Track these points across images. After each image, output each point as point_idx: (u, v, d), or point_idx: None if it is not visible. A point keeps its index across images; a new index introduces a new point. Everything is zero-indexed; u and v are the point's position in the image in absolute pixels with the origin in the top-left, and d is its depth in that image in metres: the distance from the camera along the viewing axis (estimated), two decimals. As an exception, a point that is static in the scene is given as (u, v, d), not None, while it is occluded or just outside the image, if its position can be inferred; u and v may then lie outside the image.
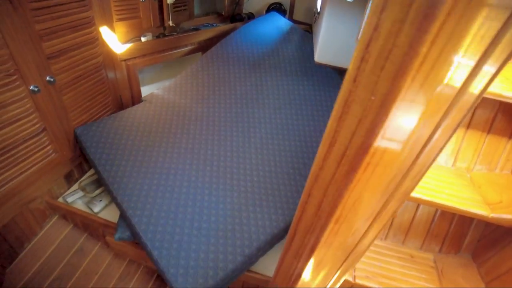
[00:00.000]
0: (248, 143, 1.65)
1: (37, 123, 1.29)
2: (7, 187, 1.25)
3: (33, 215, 1.45)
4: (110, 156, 1.47)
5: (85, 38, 1.42)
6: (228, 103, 1.80)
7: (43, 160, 1.38)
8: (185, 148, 1.56)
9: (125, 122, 1.64)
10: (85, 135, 1.52)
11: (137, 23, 1.80)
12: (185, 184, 1.41)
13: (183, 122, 1.69)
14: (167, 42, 1.96)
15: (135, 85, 1.89)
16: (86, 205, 1.53)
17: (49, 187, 1.49)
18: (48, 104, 1.31)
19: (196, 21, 2.33)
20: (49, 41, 1.24)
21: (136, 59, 1.81)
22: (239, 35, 2.13)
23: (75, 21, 1.34)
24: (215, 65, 1.95)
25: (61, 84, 1.36)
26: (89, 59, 1.48)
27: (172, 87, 1.86)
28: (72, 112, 1.49)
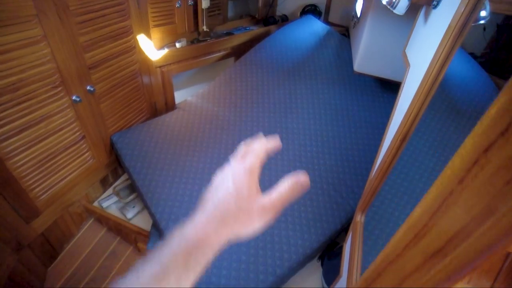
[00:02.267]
0: (281, 155, 1.60)
1: (78, 131, 1.33)
2: (52, 191, 1.30)
3: (72, 218, 1.51)
4: (144, 164, 1.48)
5: (123, 46, 1.43)
6: (261, 111, 1.76)
7: (82, 166, 1.42)
8: (217, 158, 1.55)
9: (159, 130, 1.66)
10: (120, 142, 1.54)
11: (172, 28, 1.80)
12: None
13: (216, 131, 1.67)
14: (201, 48, 1.95)
15: (169, 91, 1.89)
16: (120, 210, 1.56)
17: (86, 191, 1.54)
18: (87, 112, 1.34)
19: (229, 24, 2.30)
20: (90, 51, 1.25)
21: (170, 65, 1.82)
22: (273, 40, 2.08)
23: (115, 30, 1.35)
24: (248, 71, 1.91)
25: (99, 93, 1.38)
26: (126, 67, 1.50)
27: (206, 94, 1.85)
28: (109, 119, 1.51)
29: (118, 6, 1.31)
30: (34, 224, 1.25)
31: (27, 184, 1.16)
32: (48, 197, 1.27)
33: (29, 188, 1.18)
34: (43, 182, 1.23)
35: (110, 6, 1.27)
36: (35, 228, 1.26)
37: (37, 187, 1.21)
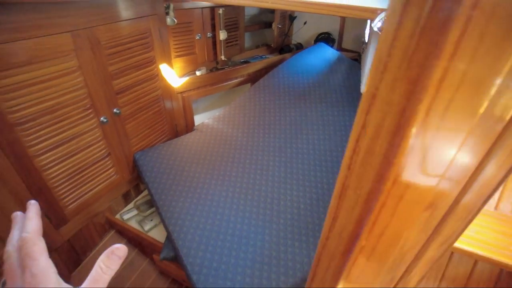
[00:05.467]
0: (290, 174, 1.66)
1: (104, 149, 1.49)
2: (79, 202, 1.45)
3: (96, 228, 1.64)
4: (162, 180, 1.61)
5: (147, 75, 1.62)
6: (272, 133, 1.85)
7: (106, 180, 1.57)
8: (229, 176, 1.63)
9: (178, 149, 1.79)
10: (142, 159, 1.69)
11: (193, 58, 1.99)
12: (227, 212, 1.47)
13: (229, 151, 1.78)
14: (219, 75, 2.12)
15: (189, 114, 2.06)
16: (139, 223, 1.68)
17: (109, 204, 1.68)
18: (113, 132, 1.51)
19: (246, 53, 2.48)
20: (117, 79, 1.44)
21: (191, 91, 1.99)
22: (286, 66, 2.20)
23: (140, 61, 1.54)
24: (261, 95, 2.03)
25: (125, 115, 1.56)
26: (150, 92, 1.68)
27: (221, 116, 1.99)
28: (133, 139, 1.68)
29: (142, 40, 1.51)
30: (62, 230, 1.40)
31: (58, 194, 1.32)
32: (75, 206, 1.42)
33: (60, 197, 1.34)
34: (72, 192, 1.39)
35: (136, 39, 1.47)
36: (62, 234, 1.40)
37: (66, 197, 1.37)
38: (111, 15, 1.32)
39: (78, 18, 1.18)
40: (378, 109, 0.21)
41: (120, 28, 1.37)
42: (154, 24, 1.55)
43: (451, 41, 0.14)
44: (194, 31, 1.91)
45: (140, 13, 1.46)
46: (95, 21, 1.25)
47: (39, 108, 1.15)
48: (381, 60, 0.19)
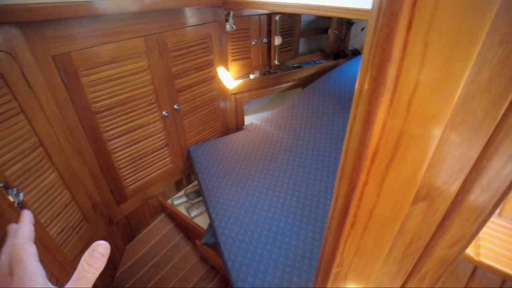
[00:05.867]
0: (333, 179, 1.66)
1: (163, 139, 1.68)
2: (138, 183, 1.66)
3: (149, 209, 1.85)
4: (211, 172, 1.75)
5: (205, 76, 1.78)
6: (318, 137, 1.87)
7: (163, 168, 1.77)
8: (272, 175, 1.70)
9: (227, 146, 1.92)
10: (195, 152, 1.86)
11: (248, 62, 2.12)
12: (266, 208, 1.54)
13: (274, 151, 1.85)
14: (271, 79, 2.21)
15: (240, 115, 2.18)
16: (187, 209, 1.85)
17: (163, 189, 1.88)
18: (172, 126, 1.69)
19: (300, 58, 2.53)
20: (179, 79, 1.62)
21: (243, 93, 2.11)
22: (338, 71, 2.20)
23: (200, 63, 1.71)
24: (311, 100, 2.07)
25: (183, 111, 1.73)
26: (206, 92, 1.84)
27: (270, 118, 2.07)
28: (189, 133, 1.85)
29: (203, 44, 1.67)
30: (122, 207, 1.62)
31: (122, 174, 1.54)
32: (134, 187, 1.63)
33: (123, 178, 1.55)
34: (133, 175, 1.60)
35: (198, 44, 1.63)
36: (122, 210, 1.62)
37: (128, 178, 1.58)
38: (178, 22, 1.49)
39: (150, 25, 1.38)
40: (363, 103, 0.26)
41: (185, 33, 1.55)
42: (214, 30, 1.71)
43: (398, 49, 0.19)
44: (250, 37, 2.03)
45: (203, 20, 1.62)
46: (164, 27, 1.44)
47: (115, 100, 1.36)
48: (364, 63, 0.24)
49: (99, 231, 1.47)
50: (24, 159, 1.06)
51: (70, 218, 1.29)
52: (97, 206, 1.46)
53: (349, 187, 0.29)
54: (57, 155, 1.20)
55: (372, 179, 0.27)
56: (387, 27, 0.19)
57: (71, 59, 1.16)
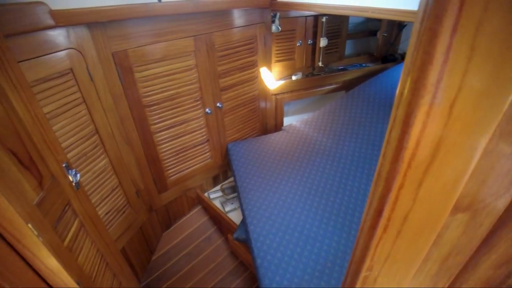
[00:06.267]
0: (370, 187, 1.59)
1: (204, 135, 1.76)
2: (179, 175, 1.76)
3: (187, 200, 1.95)
4: (247, 170, 1.78)
5: (248, 76, 1.82)
6: (359, 143, 1.81)
7: (202, 162, 1.85)
8: (307, 178, 1.69)
9: (264, 145, 1.95)
10: (233, 149, 1.91)
11: (291, 64, 2.12)
12: (299, 210, 1.53)
13: (311, 154, 1.83)
14: (314, 81, 2.19)
15: (280, 115, 2.19)
16: (221, 204, 1.91)
17: (201, 183, 1.96)
18: (214, 122, 1.76)
19: (346, 61, 2.46)
20: (223, 78, 1.68)
21: (284, 94, 2.12)
22: (385, 76, 2.10)
23: (244, 63, 1.75)
24: (354, 104, 2.00)
25: (225, 109, 1.79)
26: (248, 92, 1.88)
27: (309, 120, 2.05)
28: (229, 130, 1.91)
29: (249, 45, 1.71)
30: (163, 196, 1.72)
31: (165, 165, 1.64)
32: (175, 179, 1.73)
33: (166, 169, 1.66)
34: (175, 166, 1.70)
35: (243, 44, 1.68)
36: (162, 199, 1.73)
37: (170, 169, 1.68)
38: (226, 23, 1.55)
39: (200, 25, 1.45)
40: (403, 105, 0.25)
41: (232, 34, 1.60)
42: (260, 31, 1.74)
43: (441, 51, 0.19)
44: (296, 38, 2.03)
45: (250, 21, 1.66)
46: (213, 28, 1.50)
47: (164, 95, 1.46)
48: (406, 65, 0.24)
49: (140, 217, 1.58)
50: (82, 144, 1.19)
51: (116, 201, 1.41)
52: (140, 193, 1.57)
53: (384, 190, 0.29)
54: (109, 143, 1.32)
55: (409, 183, 0.27)
56: (430, 30, 0.19)
57: (127, 56, 1.27)
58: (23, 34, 0.92)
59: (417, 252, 0.34)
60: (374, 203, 0.31)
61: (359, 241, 0.38)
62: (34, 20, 0.93)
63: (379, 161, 0.33)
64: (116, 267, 1.17)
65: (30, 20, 0.92)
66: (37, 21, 0.94)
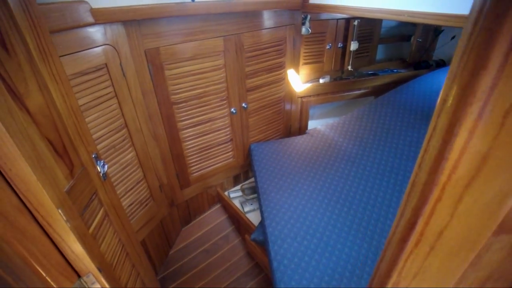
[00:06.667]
0: (397, 199, 1.53)
1: (228, 134, 1.77)
2: (202, 172, 1.78)
3: (207, 198, 1.97)
4: (268, 172, 1.77)
5: (275, 78, 1.81)
6: (386, 151, 1.74)
7: (225, 161, 1.86)
8: (330, 184, 1.65)
9: (287, 148, 1.93)
10: (256, 150, 1.91)
11: (319, 66, 2.09)
12: (319, 216, 1.50)
13: (336, 160, 1.78)
14: (342, 85, 2.14)
15: (305, 118, 2.16)
16: (241, 204, 1.91)
17: (222, 181, 1.97)
18: (238, 122, 1.77)
19: (376, 66, 2.39)
20: (250, 78, 1.68)
21: (311, 97, 2.09)
22: (419, 83, 2.01)
23: (272, 65, 1.74)
24: (383, 111, 1.93)
25: (250, 110, 1.80)
26: (274, 93, 1.87)
27: (335, 125, 2.00)
28: (252, 131, 1.91)
29: (277, 47, 1.70)
30: (184, 192, 1.75)
31: (189, 162, 1.67)
32: (197, 175, 1.76)
33: (189, 165, 1.68)
34: (198, 163, 1.72)
35: (272, 46, 1.67)
36: (184, 195, 1.76)
37: (193, 166, 1.71)
38: (256, 24, 1.55)
39: (230, 26, 1.46)
40: (446, 112, 0.23)
41: (261, 35, 1.60)
42: (290, 33, 1.73)
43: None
44: (325, 41, 2.00)
45: (280, 22, 1.66)
46: (243, 29, 1.51)
47: (191, 93, 1.48)
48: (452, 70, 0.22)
49: (161, 210, 1.62)
50: (112, 136, 1.23)
51: (139, 194, 1.45)
52: (163, 187, 1.61)
53: (419, 201, 0.27)
54: (137, 137, 1.36)
55: (447, 196, 0.25)
56: (487, 30, 0.17)
57: (159, 53, 1.31)
58: (65, 31, 0.97)
59: (451, 272, 0.32)
60: (406, 215, 0.29)
61: (385, 253, 0.36)
62: (76, 18, 0.98)
63: (414, 170, 0.31)
64: (135, 258, 1.20)
65: (72, 18, 0.97)
66: (78, 19, 0.99)
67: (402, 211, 0.32)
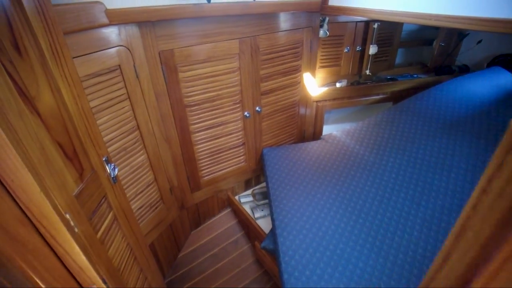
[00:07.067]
0: (416, 212, 1.45)
1: (241, 138, 1.73)
2: (212, 176, 1.75)
3: (218, 201, 1.94)
4: (280, 178, 1.72)
5: (290, 81, 1.76)
6: (405, 160, 1.67)
7: (236, 165, 1.83)
8: (345, 193, 1.59)
9: (301, 153, 1.88)
10: (268, 155, 1.86)
11: (336, 70, 2.02)
12: (333, 227, 1.44)
13: (351, 167, 1.72)
14: (359, 90, 2.07)
15: (319, 123, 2.10)
16: (251, 209, 1.87)
17: (233, 185, 1.94)
18: (251, 126, 1.73)
19: (395, 70, 2.30)
20: (265, 82, 1.64)
21: (326, 101, 2.03)
22: (441, 89, 1.92)
23: (287, 68, 1.70)
24: (403, 117, 1.85)
25: (264, 114, 1.75)
26: (289, 97, 1.82)
27: (352, 131, 1.94)
28: (265, 135, 1.87)
29: (294, 49, 1.65)
30: (195, 195, 1.73)
31: (200, 165, 1.64)
32: (208, 179, 1.73)
33: (200, 168, 1.66)
34: (209, 167, 1.69)
35: (288, 49, 1.62)
36: (194, 198, 1.73)
37: (204, 169, 1.68)
38: (272, 26, 1.51)
39: (246, 28, 1.42)
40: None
41: (277, 37, 1.56)
42: (307, 36, 1.68)
43: None
44: (343, 44, 1.93)
45: (297, 25, 1.61)
46: (259, 31, 1.47)
47: (205, 96, 1.45)
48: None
49: (171, 213, 1.60)
50: (124, 138, 1.22)
51: (150, 197, 1.43)
52: (174, 190, 1.59)
53: (477, 255, 0.22)
54: (149, 139, 1.34)
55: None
56: None
57: (173, 55, 1.28)
58: (79, 32, 0.95)
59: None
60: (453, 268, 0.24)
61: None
62: (90, 19, 0.96)
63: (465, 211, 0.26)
64: (143, 262, 1.18)
65: (87, 19, 0.95)
66: (93, 20, 0.97)
67: (444, 259, 0.27)
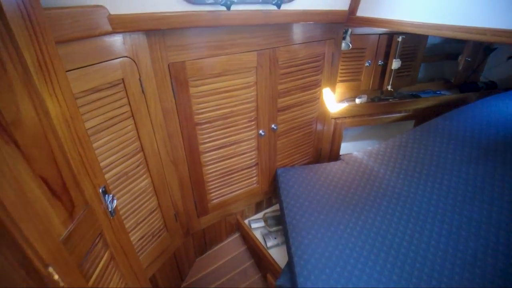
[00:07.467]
0: (453, 251, 1.27)
1: (254, 158, 1.58)
2: (222, 199, 1.59)
3: (226, 226, 1.77)
4: (297, 203, 1.55)
5: (309, 97, 1.61)
6: (436, 188, 1.50)
7: (248, 187, 1.66)
8: (371, 225, 1.41)
9: (319, 175, 1.71)
10: (283, 176, 1.70)
11: (356, 85, 1.87)
12: (359, 266, 1.26)
13: (377, 194, 1.55)
14: (380, 106, 1.91)
15: (337, 141, 1.95)
16: (263, 236, 1.70)
17: (243, 208, 1.77)
18: (266, 145, 1.57)
19: (417, 86, 2.15)
20: (283, 98, 1.49)
21: (346, 118, 1.87)
22: (472, 109, 1.76)
23: (307, 83, 1.55)
24: (430, 140, 1.69)
25: (279, 132, 1.60)
26: (307, 114, 1.67)
27: (374, 153, 1.77)
28: (280, 154, 1.71)
29: (315, 63, 1.51)
30: (202, 220, 1.56)
31: (208, 188, 1.48)
32: (217, 202, 1.56)
33: (209, 191, 1.49)
34: (219, 190, 1.53)
35: (309, 62, 1.48)
36: (201, 223, 1.57)
37: (213, 192, 1.52)
38: (293, 37, 1.37)
39: (264, 39, 1.28)
40: None
41: (298, 50, 1.41)
42: (329, 48, 1.53)
43: None
44: (365, 57, 1.79)
45: (319, 36, 1.46)
46: (279, 42, 1.33)
47: (217, 113, 1.30)
48: None
49: (175, 241, 1.43)
50: (125, 162, 1.06)
51: (152, 225, 1.27)
52: (179, 216, 1.42)
53: None
54: (154, 161, 1.19)
55: None
56: None
57: (184, 68, 1.13)
58: (77, 40, 0.81)
59: None
60: None
61: None
62: (90, 26, 0.82)
63: None
64: (143, 304, 1.01)
65: (86, 26, 0.81)
66: (93, 27, 0.83)
67: None
